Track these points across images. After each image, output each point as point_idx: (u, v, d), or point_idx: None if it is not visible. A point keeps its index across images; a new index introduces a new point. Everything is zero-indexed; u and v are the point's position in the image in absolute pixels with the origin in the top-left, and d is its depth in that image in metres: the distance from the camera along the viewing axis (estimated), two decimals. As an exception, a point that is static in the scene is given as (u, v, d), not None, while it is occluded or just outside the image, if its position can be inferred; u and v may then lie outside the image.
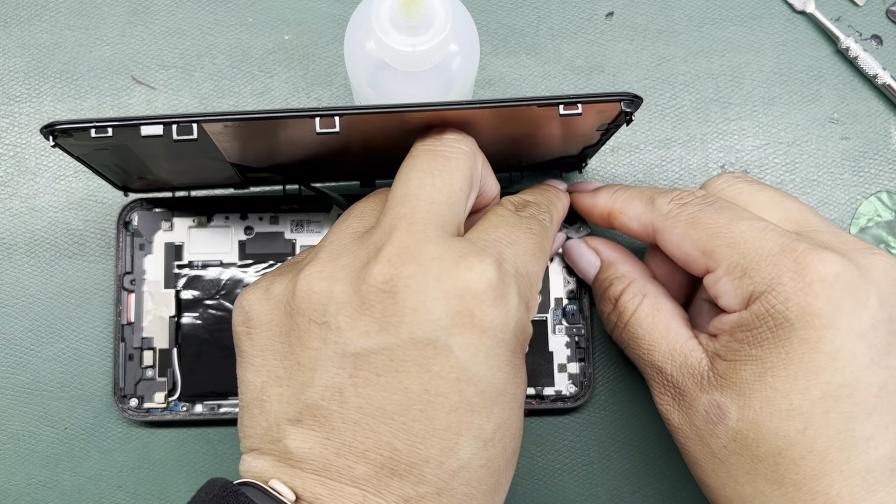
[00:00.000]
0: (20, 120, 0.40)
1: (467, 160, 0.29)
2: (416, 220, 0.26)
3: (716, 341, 0.30)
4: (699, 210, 0.31)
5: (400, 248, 0.26)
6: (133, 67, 0.41)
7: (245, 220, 0.39)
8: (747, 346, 0.29)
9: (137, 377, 0.38)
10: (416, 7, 0.29)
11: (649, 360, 0.32)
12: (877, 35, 0.41)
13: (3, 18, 0.41)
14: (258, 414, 0.27)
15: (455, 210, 0.28)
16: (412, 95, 0.33)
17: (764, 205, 0.32)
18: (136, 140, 0.28)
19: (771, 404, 0.28)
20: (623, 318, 0.33)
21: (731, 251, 0.29)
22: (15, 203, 0.40)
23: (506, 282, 0.26)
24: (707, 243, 0.30)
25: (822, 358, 0.27)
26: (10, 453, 0.38)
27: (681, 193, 0.32)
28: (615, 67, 0.41)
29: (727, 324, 0.30)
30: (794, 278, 0.28)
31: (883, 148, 0.41)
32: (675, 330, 0.32)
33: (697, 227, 0.31)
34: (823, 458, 0.27)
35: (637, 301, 0.33)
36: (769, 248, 0.29)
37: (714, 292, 0.30)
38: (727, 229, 0.30)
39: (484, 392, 0.26)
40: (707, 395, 0.29)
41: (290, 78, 0.41)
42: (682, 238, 0.31)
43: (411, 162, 0.28)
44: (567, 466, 0.39)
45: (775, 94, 0.41)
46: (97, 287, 0.39)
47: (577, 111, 0.29)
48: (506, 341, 0.26)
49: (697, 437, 0.30)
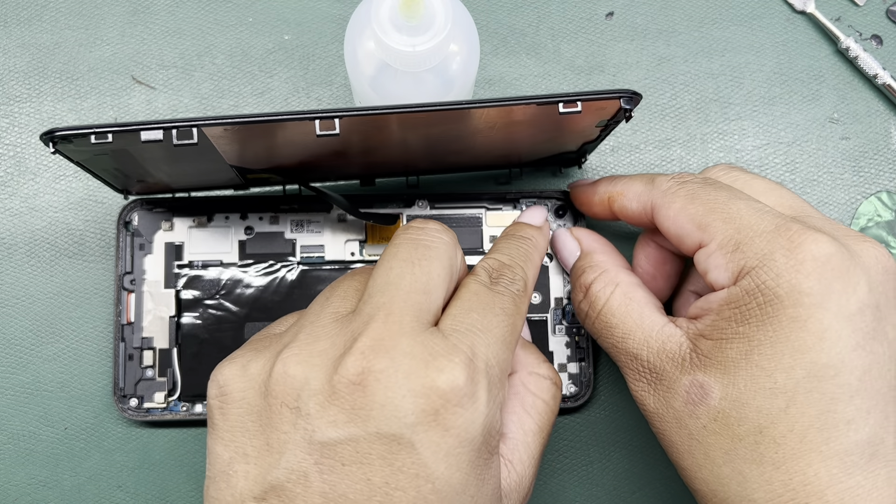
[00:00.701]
0: (20, 120, 0.40)
1: (447, 250, 0.29)
2: (394, 310, 0.27)
3: (699, 322, 0.30)
4: (699, 187, 0.31)
5: (374, 341, 0.26)
6: (133, 67, 0.41)
7: (245, 220, 0.39)
8: (734, 324, 0.29)
9: (137, 377, 0.38)
10: (416, 7, 0.29)
11: (624, 348, 0.32)
12: (877, 35, 0.41)
13: (3, 18, 0.41)
14: (224, 487, 0.27)
15: (433, 297, 0.28)
16: (412, 95, 0.33)
17: (760, 191, 0.32)
18: (135, 145, 0.28)
19: (755, 382, 0.28)
20: (595, 308, 0.33)
21: (726, 226, 0.30)
22: (15, 203, 0.40)
23: (475, 380, 0.27)
24: (703, 217, 0.30)
25: (808, 337, 0.27)
26: (10, 453, 0.38)
27: (681, 174, 0.33)
28: (615, 67, 0.41)
29: (714, 302, 0.30)
30: (786, 255, 0.28)
31: (883, 148, 0.41)
32: (648, 317, 0.32)
33: (695, 201, 0.31)
34: (803, 437, 0.27)
35: (609, 290, 0.33)
36: (764, 225, 0.29)
37: (704, 267, 0.30)
38: (724, 205, 0.30)
39: (440, 491, 0.26)
40: (688, 375, 0.30)
41: (290, 78, 0.41)
42: (678, 212, 0.31)
43: (393, 250, 0.29)
44: (567, 466, 0.39)
45: (775, 94, 0.41)
46: (97, 287, 0.39)
47: (576, 109, 0.29)
48: (470, 441, 0.27)
49: (675, 419, 0.30)
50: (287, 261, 0.39)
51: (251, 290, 0.38)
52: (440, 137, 0.33)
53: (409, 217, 0.39)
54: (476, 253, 0.39)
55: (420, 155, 0.36)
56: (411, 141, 0.33)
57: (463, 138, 0.33)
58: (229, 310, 0.38)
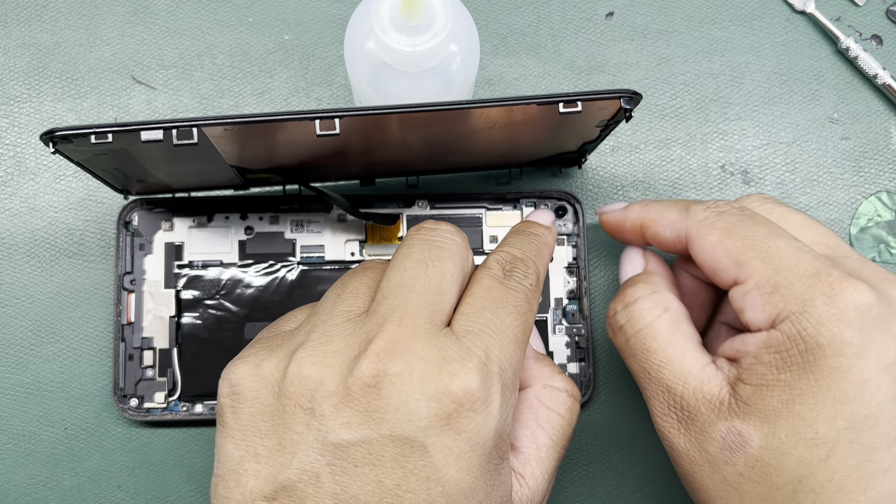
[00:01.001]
0: (20, 120, 0.40)
1: (460, 251, 0.29)
2: (408, 312, 0.27)
3: (738, 365, 0.30)
4: (737, 220, 0.31)
5: (389, 344, 0.27)
6: (133, 67, 0.41)
7: (245, 220, 0.39)
8: (775, 370, 0.28)
9: (137, 377, 0.38)
10: (416, 7, 0.29)
11: (657, 377, 0.31)
12: (877, 35, 0.41)
13: (3, 18, 0.41)
14: (233, 486, 0.28)
15: (446, 298, 0.28)
16: (412, 95, 0.33)
17: (795, 226, 0.32)
18: (135, 145, 0.28)
19: (797, 432, 0.28)
20: (634, 324, 0.32)
21: (764, 265, 0.29)
22: (15, 203, 0.40)
23: (489, 384, 0.27)
24: (741, 253, 0.30)
25: (850, 388, 0.27)
26: (10, 453, 0.38)
27: (717, 203, 0.32)
28: (615, 67, 0.41)
29: (752, 344, 0.29)
30: (827, 303, 0.28)
31: (883, 148, 0.41)
32: (691, 352, 0.31)
33: (733, 235, 0.30)
34: (842, 487, 0.27)
35: (657, 313, 0.32)
36: (804, 268, 0.29)
37: (740, 305, 0.30)
38: (763, 242, 0.30)
39: (450, 494, 0.26)
40: (725, 422, 0.29)
41: (290, 78, 0.41)
42: (715, 245, 0.31)
43: (407, 251, 0.29)
44: (567, 466, 0.39)
45: (775, 94, 0.41)
46: (97, 287, 0.39)
47: (576, 109, 0.29)
48: (482, 445, 0.27)
49: (708, 463, 0.30)
50: (287, 261, 0.39)
51: (251, 290, 0.38)
52: (440, 137, 0.33)
53: (409, 217, 0.39)
54: (477, 253, 0.39)
55: (420, 155, 0.36)
56: (411, 141, 0.33)
57: (463, 138, 0.33)
58: (229, 310, 0.38)
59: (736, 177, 0.41)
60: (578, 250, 0.39)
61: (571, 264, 0.39)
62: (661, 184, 0.40)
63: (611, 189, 0.40)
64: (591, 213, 0.40)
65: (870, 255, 0.40)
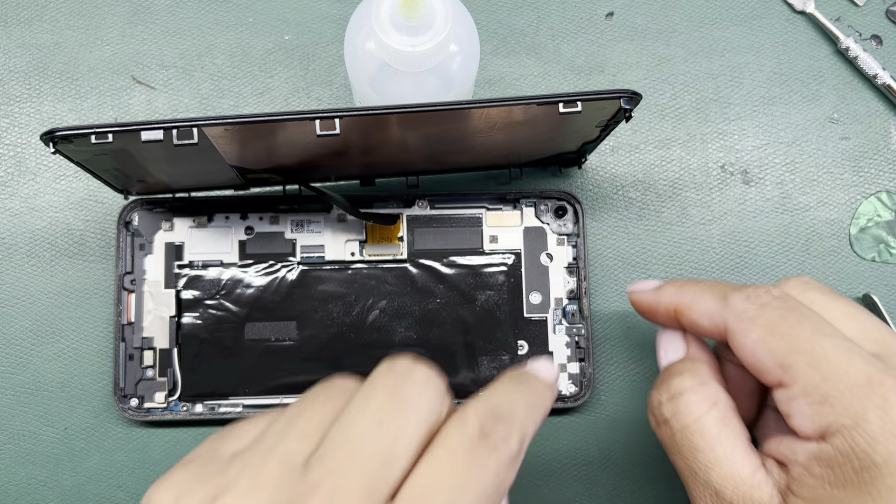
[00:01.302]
0: (20, 120, 0.40)
1: (431, 406, 0.24)
2: (343, 484, 0.23)
3: (787, 473, 0.28)
4: (779, 316, 0.29)
5: None
6: (133, 67, 0.41)
7: (245, 220, 0.39)
8: (828, 486, 0.27)
9: (137, 377, 0.38)
10: (416, 7, 0.29)
11: (705, 479, 0.29)
12: (877, 35, 0.41)
13: (3, 18, 0.41)
14: None
15: (396, 465, 0.23)
16: (412, 95, 0.33)
17: (839, 318, 0.30)
18: (135, 145, 0.28)
19: None
20: (680, 419, 0.30)
21: (811, 371, 0.27)
22: (15, 203, 0.40)
23: None
24: (785, 357, 0.28)
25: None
26: (10, 453, 0.38)
27: (756, 291, 0.30)
28: (615, 67, 0.41)
29: (802, 454, 0.28)
30: (882, 417, 0.26)
31: (883, 148, 0.41)
32: (741, 454, 0.29)
33: (776, 335, 0.28)
34: None
35: (705, 408, 0.30)
36: (854, 376, 0.27)
37: (786, 410, 0.28)
38: (809, 344, 0.28)
39: None
40: None
41: (290, 78, 0.41)
42: (757, 344, 0.29)
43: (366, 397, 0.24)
44: (567, 466, 0.39)
45: (775, 94, 0.41)
46: (97, 287, 0.39)
47: (576, 109, 0.29)
48: None
49: None
50: (287, 261, 0.39)
51: (251, 290, 0.38)
52: (440, 137, 0.33)
53: (408, 217, 0.39)
54: (476, 253, 0.39)
55: (420, 155, 0.36)
56: (411, 141, 0.33)
57: (463, 138, 0.33)
58: (229, 310, 0.38)
59: (736, 177, 0.41)
60: (578, 250, 0.39)
61: (571, 264, 0.39)
62: (661, 184, 0.40)
63: (611, 189, 0.40)
64: (591, 213, 0.40)
65: (870, 256, 0.40)
